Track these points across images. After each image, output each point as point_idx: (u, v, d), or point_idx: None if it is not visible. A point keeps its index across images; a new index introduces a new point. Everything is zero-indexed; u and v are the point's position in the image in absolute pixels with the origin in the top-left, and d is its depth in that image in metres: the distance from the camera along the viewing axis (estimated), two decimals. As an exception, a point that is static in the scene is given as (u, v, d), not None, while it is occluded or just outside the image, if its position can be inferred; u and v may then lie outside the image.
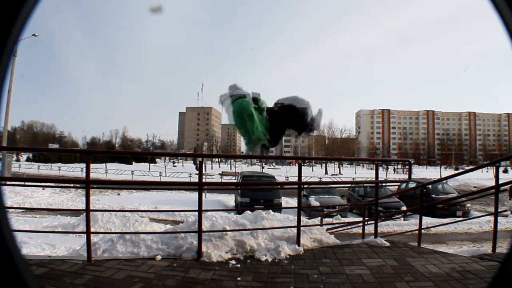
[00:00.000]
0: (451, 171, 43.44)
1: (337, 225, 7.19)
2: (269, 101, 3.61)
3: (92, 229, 3.31)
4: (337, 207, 11.67)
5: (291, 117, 3.52)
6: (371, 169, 45.34)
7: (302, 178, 3.84)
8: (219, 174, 31.50)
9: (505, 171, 41.98)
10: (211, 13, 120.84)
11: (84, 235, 3.29)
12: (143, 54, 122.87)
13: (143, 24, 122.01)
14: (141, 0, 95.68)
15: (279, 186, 14.39)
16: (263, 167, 45.92)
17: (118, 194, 16.82)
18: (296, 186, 3.91)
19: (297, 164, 3.62)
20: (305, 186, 9.96)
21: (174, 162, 53.45)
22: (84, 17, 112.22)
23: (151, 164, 43.59)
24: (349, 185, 15.35)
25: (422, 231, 4.42)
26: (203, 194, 3.53)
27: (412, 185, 10.71)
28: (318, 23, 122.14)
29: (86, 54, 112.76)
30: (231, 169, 41.91)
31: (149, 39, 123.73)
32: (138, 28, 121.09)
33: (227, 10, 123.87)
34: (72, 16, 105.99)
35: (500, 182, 3.93)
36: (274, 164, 54.10)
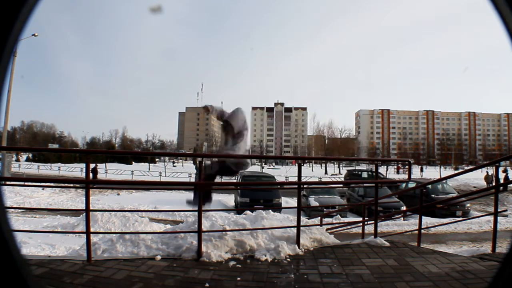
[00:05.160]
0: (450, 171, 43.41)
1: (337, 225, 7.18)
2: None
3: (92, 229, 3.32)
4: (336, 207, 11.66)
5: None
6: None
7: (302, 178, 3.83)
8: (219, 174, 31.39)
9: (505, 171, 41.91)
10: (211, 12, 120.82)
11: (84, 235, 3.29)
12: (143, 54, 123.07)
13: (143, 24, 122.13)
14: (141, 0, 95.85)
15: (279, 186, 14.38)
16: (262, 167, 45.90)
17: (118, 194, 16.81)
18: (296, 186, 3.91)
19: (296, 164, 3.61)
20: (304, 186, 9.96)
21: (174, 162, 53.39)
22: (84, 18, 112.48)
23: (151, 164, 43.54)
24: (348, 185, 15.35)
25: (422, 231, 4.43)
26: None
27: (412, 185, 10.70)
28: (318, 21, 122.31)
29: (86, 54, 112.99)
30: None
31: (149, 39, 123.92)
32: (138, 28, 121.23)
33: (227, 10, 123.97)
34: (72, 16, 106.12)
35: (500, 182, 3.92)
36: (273, 164, 54.11)
